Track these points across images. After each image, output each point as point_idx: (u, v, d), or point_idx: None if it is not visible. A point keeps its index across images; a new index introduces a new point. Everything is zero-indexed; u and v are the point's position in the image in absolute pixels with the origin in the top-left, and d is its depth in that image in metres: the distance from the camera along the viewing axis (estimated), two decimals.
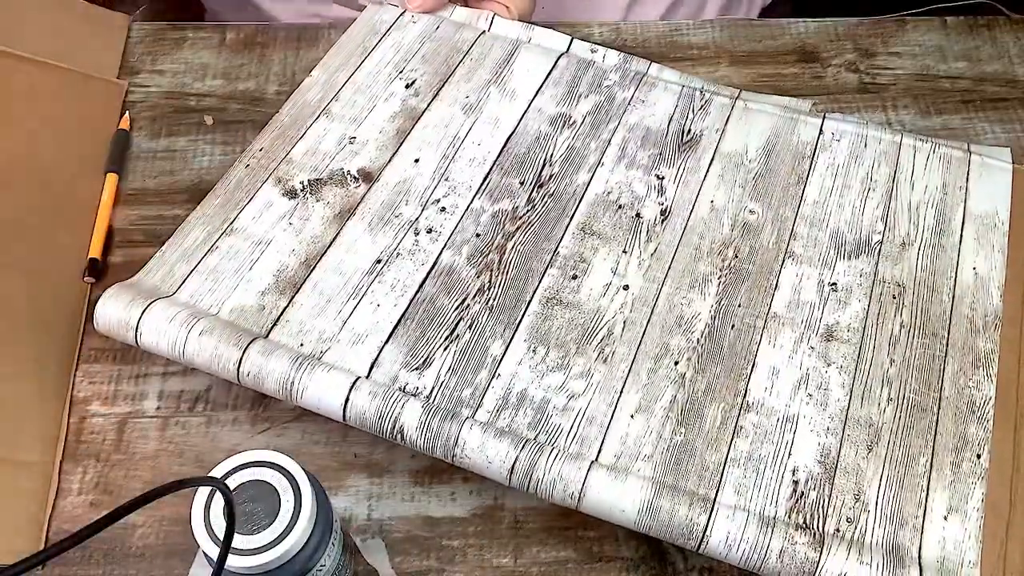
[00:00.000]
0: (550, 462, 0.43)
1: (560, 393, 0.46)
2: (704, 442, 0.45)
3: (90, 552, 0.47)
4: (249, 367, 0.45)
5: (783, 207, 0.54)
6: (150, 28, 0.66)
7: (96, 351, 0.53)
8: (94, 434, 0.51)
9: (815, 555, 0.41)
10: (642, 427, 0.45)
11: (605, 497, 0.42)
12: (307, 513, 0.38)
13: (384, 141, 0.55)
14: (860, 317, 0.49)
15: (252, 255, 0.50)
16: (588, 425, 0.45)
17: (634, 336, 0.48)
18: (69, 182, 0.58)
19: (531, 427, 0.45)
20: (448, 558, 0.48)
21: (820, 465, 0.45)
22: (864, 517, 0.43)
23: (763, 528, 0.42)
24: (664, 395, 0.47)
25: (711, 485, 0.44)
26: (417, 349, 0.47)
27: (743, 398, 0.47)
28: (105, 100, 0.62)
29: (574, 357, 0.48)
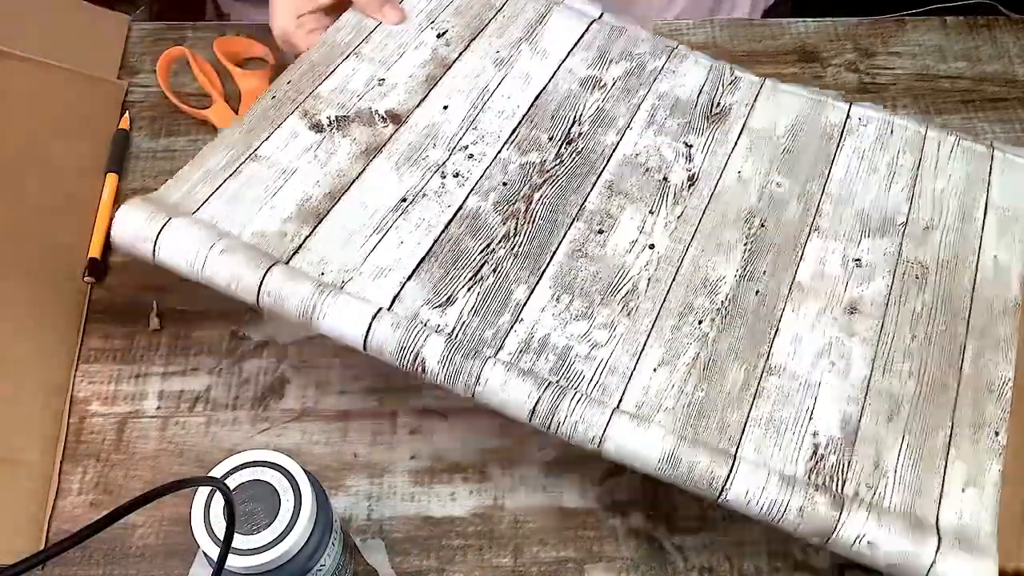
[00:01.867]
0: (573, 404, 0.42)
1: (583, 341, 0.46)
2: (725, 400, 0.45)
3: (90, 552, 0.47)
4: (270, 288, 0.44)
5: (810, 183, 0.54)
6: (150, 28, 0.66)
7: (96, 351, 0.53)
8: (94, 434, 0.51)
9: (835, 514, 0.41)
10: (664, 380, 0.45)
11: (627, 443, 0.42)
12: (307, 513, 0.38)
13: (413, 86, 0.55)
14: (883, 293, 0.50)
15: (275, 183, 0.49)
16: (610, 374, 0.45)
17: (659, 293, 0.48)
18: (69, 182, 0.57)
19: (552, 372, 0.45)
20: (448, 558, 0.48)
21: (841, 431, 0.44)
22: (883, 483, 0.43)
23: (784, 485, 0.42)
24: (687, 351, 0.46)
25: (732, 442, 0.43)
26: (440, 288, 0.47)
27: (766, 361, 0.46)
28: (105, 100, 0.62)
29: (598, 308, 0.47)
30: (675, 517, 0.49)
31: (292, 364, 0.53)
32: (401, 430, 0.51)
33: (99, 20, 0.65)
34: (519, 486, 0.50)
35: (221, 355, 0.53)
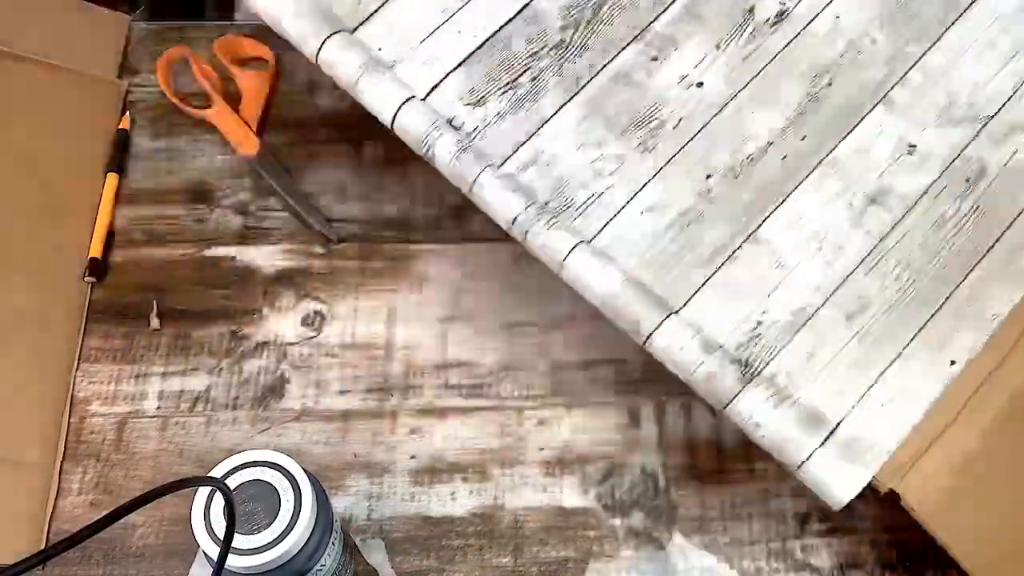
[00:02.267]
0: (544, 228, 0.44)
1: (587, 168, 0.46)
2: (695, 258, 0.45)
3: (90, 552, 0.47)
4: (326, 56, 0.47)
5: (912, 44, 0.49)
6: (150, 28, 0.66)
7: (96, 351, 0.53)
8: (94, 434, 0.51)
9: (736, 388, 0.42)
10: (647, 226, 0.45)
11: (581, 275, 0.44)
12: (307, 513, 0.38)
13: None
14: (919, 190, 0.46)
15: None
16: (599, 207, 0.45)
17: (682, 138, 0.47)
18: (69, 182, 0.57)
19: (549, 190, 0.45)
20: (448, 558, 0.48)
21: (792, 316, 0.44)
22: (805, 376, 0.43)
23: (704, 350, 0.42)
24: (681, 203, 0.46)
25: (680, 298, 0.44)
26: (477, 86, 0.47)
27: (754, 231, 0.45)
28: (105, 100, 0.62)
29: (616, 138, 0.46)
30: (675, 517, 0.49)
31: (292, 364, 0.53)
32: (401, 430, 0.51)
33: (99, 20, 0.65)
34: (519, 486, 0.50)
35: (221, 355, 0.53)
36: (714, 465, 0.50)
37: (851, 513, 0.48)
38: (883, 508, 0.49)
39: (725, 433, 0.51)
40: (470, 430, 0.51)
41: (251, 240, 0.57)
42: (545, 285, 0.55)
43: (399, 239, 0.57)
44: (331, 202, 0.58)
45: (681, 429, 0.51)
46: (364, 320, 0.54)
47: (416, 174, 0.59)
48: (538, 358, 0.53)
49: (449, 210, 0.58)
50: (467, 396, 0.52)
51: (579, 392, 0.52)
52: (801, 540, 0.48)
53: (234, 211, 0.58)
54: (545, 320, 0.54)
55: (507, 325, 0.54)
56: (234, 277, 0.56)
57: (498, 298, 0.55)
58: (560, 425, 0.51)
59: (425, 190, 0.59)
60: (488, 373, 0.53)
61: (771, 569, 0.47)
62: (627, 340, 0.53)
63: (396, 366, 0.53)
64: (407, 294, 0.55)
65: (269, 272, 0.56)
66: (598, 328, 0.54)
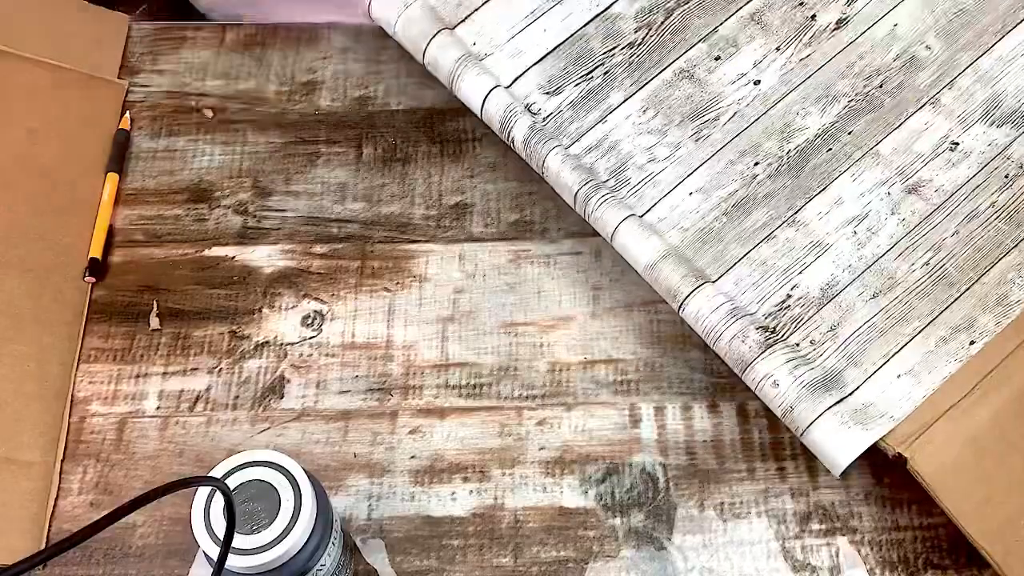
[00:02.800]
0: (599, 202, 0.49)
1: (645, 153, 0.51)
2: (735, 236, 0.49)
3: (90, 552, 0.47)
4: (431, 54, 0.53)
5: (964, 52, 0.52)
6: (150, 28, 0.66)
7: (96, 351, 0.53)
8: (94, 434, 0.51)
9: (756, 352, 0.45)
10: (694, 205, 0.50)
11: (628, 244, 0.49)
12: (307, 513, 0.38)
13: None
14: (957, 184, 0.49)
15: None
16: (652, 187, 0.50)
17: (735, 128, 0.51)
18: (69, 182, 0.58)
19: (608, 171, 0.51)
20: (448, 558, 0.48)
21: (820, 292, 0.47)
22: (827, 345, 0.46)
23: (729, 317, 0.46)
24: (728, 187, 0.50)
25: (716, 269, 0.48)
26: (554, 78, 0.53)
27: (794, 214, 0.49)
28: (105, 100, 0.62)
29: (674, 128, 0.51)
30: (675, 517, 0.49)
31: (292, 364, 0.53)
32: (401, 430, 0.51)
33: (99, 20, 0.65)
34: (519, 486, 0.50)
35: (221, 355, 0.53)
36: (714, 465, 0.50)
37: (851, 513, 0.49)
38: (883, 508, 0.49)
39: (725, 433, 0.51)
40: (470, 430, 0.51)
41: (251, 240, 0.57)
42: (545, 285, 0.56)
43: (399, 239, 0.57)
44: (331, 202, 0.58)
45: (681, 429, 0.51)
46: (364, 320, 0.54)
47: (416, 174, 0.59)
48: (538, 358, 0.53)
49: (449, 210, 0.58)
50: (467, 396, 0.52)
51: (579, 392, 0.52)
52: (801, 540, 0.48)
53: (234, 211, 0.58)
54: (545, 320, 0.54)
55: (507, 325, 0.54)
56: (234, 277, 0.56)
57: (498, 298, 0.55)
58: (560, 425, 0.51)
59: (425, 190, 0.59)
60: (488, 373, 0.53)
61: (771, 569, 0.47)
62: (627, 340, 0.54)
63: (396, 366, 0.53)
64: (407, 294, 0.55)
65: (269, 272, 0.56)
66: (598, 328, 0.54)
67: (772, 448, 0.50)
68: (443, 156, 0.60)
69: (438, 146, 0.60)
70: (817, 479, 0.49)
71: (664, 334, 0.54)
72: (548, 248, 0.57)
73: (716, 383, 0.52)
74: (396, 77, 0.63)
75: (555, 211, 0.58)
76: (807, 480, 0.49)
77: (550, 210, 0.58)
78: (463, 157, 0.60)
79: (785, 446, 0.50)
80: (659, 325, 0.54)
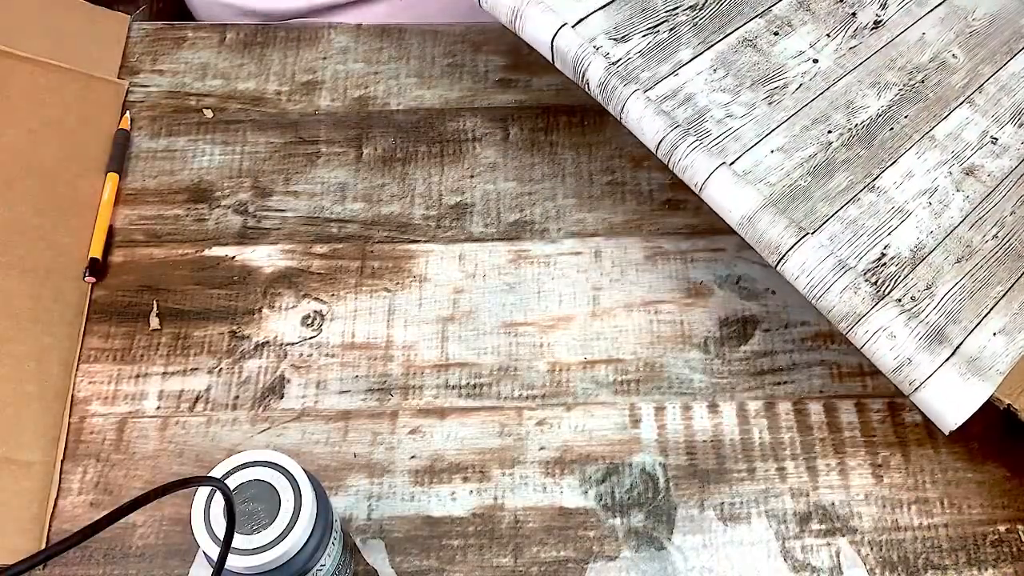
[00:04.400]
0: (689, 149, 0.49)
1: (721, 108, 0.51)
2: (822, 194, 0.49)
3: (90, 552, 0.47)
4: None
5: (984, 64, 0.56)
6: (150, 28, 0.66)
7: (96, 351, 0.53)
8: (94, 434, 0.51)
9: (869, 304, 0.45)
10: (777, 162, 0.50)
11: (722, 194, 0.48)
12: (307, 513, 0.38)
13: None
14: (1004, 171, 0.52)
15: None
16: (733, 141, 0.50)
17: (804, 98, 0.52)
18: (70, 182, 0.58)
19: (686, 121, 0.50)
20: (448, 558, 0.48)
21: (911, 253, 0.48)
22: (927, 302, 0.46)
23: (837, 269, 0.46)
24: (807, 149, 0.50)
25: (811, 224, 0.48)
26: (620, 25, 0.52)
27: (872, 180, 0.50)
28: (105, 100, 0.62)
29: (746, 90, 0.52)
30: (675, 517, 0.49)
31: (292, 364, 0.53)
32: (401, 430, 0.51)
33: (99, 20, 0.65)
34: (519, 486, 0.50)
35: (221, 355, 0.53)
36: (714, 465, 0.50)
37: (851, 513, 0.49)
38: (883, 508, 0.49)
39: (725, 433, 0.51)
40: (470, 430, 0.51)
41: (251, 240, 0.57)
42: (545, 285, 0.56)
43: (399, 239, 0.57)
44: (331, 202, 0.58)
45: (681, 429, 0.51)
46: (364, 320, 0.54)
47: (416, 174, 0.59)
48: (538, 358, 0.53)
49: (449, 210, 0.58)
50: (467, 396, 0.52)
51: (579, 392, 0.52)
52: (801, 540, 0.48)
53: (234, 211, 0.58)
54: (545, 320, 0.54)
55: (507, 325, 0.54)
56: (234, 277, 0.56)
57: (498, 298, 0.55)
58: (560, 425, 0.51)
59: (425, 190, 0.59)
60: (488, 373, 0.53)
61: (771, 569, 0.47)
62: (627, 340, 0.54)
63: (396, 366, 0.53)
64: (407, 294, 0.55)
65: (269, 272, 0.56)
66: (598, 328, 0.54)
67: (772, 448, 0.50)
68: (443, 156, 0.60)
69: (438, 146, 0.61)
70: (817, 479, 0.50)
71: (664, 334, 0.54)
72: (548, 248, 0.57)
73: (716, 383, 0.52)
74: (396, 77, 0.63)
75: (555, 211, 0.58)
76: (807, 480, 0.49)
77: (550, 210, 0.58)
78: (463, 157, 0.60)
79: (785, 446, 0.50)
80: (659, 325, 0.54)
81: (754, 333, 0.54)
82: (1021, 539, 0.48)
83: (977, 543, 0.48)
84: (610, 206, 0.58)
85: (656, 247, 0.57)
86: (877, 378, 0.53)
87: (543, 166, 0.60)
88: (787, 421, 0.51)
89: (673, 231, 0.57)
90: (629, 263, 0.56)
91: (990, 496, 0.49)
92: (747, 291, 0.55)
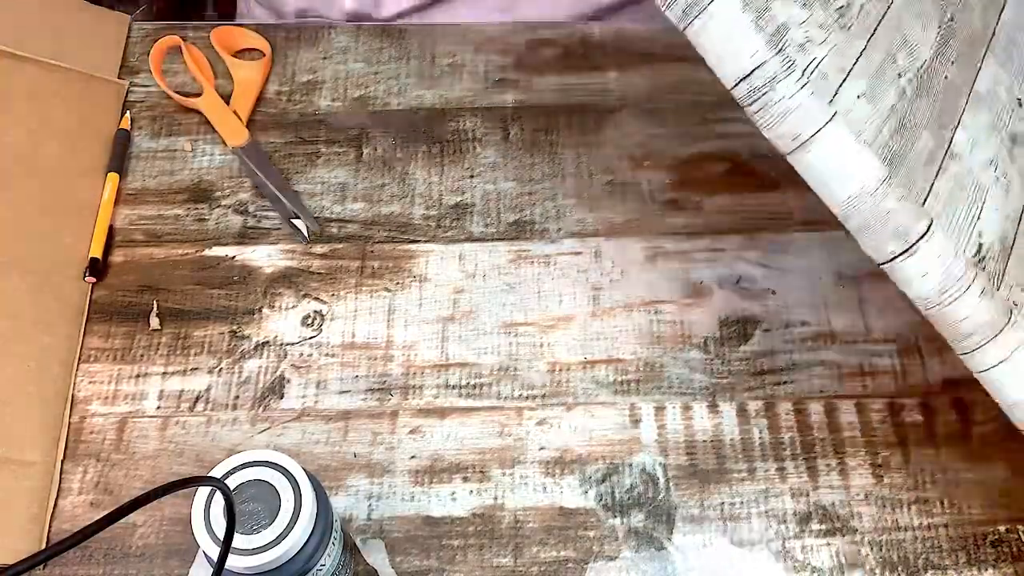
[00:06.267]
0: (797, 87, 0.36)
1: (800, 28, 0.38)
2: (916, 161, 0.39)
3: (90, 552, 0.47)
4: None
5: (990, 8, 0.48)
6: (150, 28, 0.66)
7: (96, 351, 0.53)
8: (94, 434, 0.51)
9: (1005, 315, 0.37)
10: (866, 113, 0.39)
11: (833, 159, 0.36)
12: (307, 513, 0.38)
13: None
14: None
15: None
16: (822, 80, 0.37)
17: (868, 25, 0.42)
18: (70, 182, 0.58)
19: (772, 43, 0.37)
20: (448, 558, 0.48)
21: (1000, 243, 0.40)
22: None
23: (971, 264, 0.37)
24: (888, 97, 0.40)
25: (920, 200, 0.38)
26: None
27: (948, 144, 0.41)
28: (105, 100, 0.62)
29: (817, 6, 0.40)
30: (675, 517, 0.49)
31: (292, 364, 0.53)
32: (401, 430, 0.51)
33: (99, 20, 0.65)
34: (519, 486, 0.50)
35: (221, 355, 0.53)
36: (714, 465, 0.50)
37: (851, 513, 0.49)
38: (883, 508, 0.49)
39: (725, 433, 0.51)
40: (470, 430, 0.51)
41: (251, 240, 0.57)
42: (545, 285, 0.56)
43: (399, 239, 0.57)
44: (331, 202, 0.58)
45: (681, 429, 0.51)
46: (364, 320, 0.54)
47: (416, 174, 0.59)
48: (538, 358, 0.53)
49: (449, 210, 0.58)
50: (467, 396, 0.52)
51: (579, 392, 0.52)
52: (801, 540, 0.48)
53: (234, 211, 0.58)
54: (545, 320, 0.54)
55: (507, 325, 0.54)
56: (234, 277, 0.56)
57: (498, 298, 0.55)
58: (560, 425, 0.51)
59: (425, 190, 0.59)
60: (488, 373, 0.53)
61: (771, 569, 0.47)
62: (627, 340, 0.54)
63: (396, 366, 0.53)
64: (407, 294, 0.55)
65: (269, 272, 0.56)
66: (598, 328, 0.54)
67: (772, 448, 0.50)
68: (443, 156, 0.60)
69: (438, 146, 0.61)
70: (817, 479, 0.49)
71: (664, 334, 0.54)
72: (548, 248, 0.57)
73: (716, 383, 0.52)
74: (396, 77, 0.63)
75: (555, 211, 0.58)
76: (807, 480, 0.49)
77: (550, 210, 0.58)
78: (463, 157, 0.60)
79: (785, 446, 0.50)
80: (659, 325, 0.54)
81: (754, 333, 0.54)
82: (1021, 539, 0.48)
83: (977, 543, 0.48)
84: (610, 206, 0.58)
85: (656, 247, 0.57)
86: (877, 378, 0.53)
87: (543, 166, 0.60)
88: (787, 421, 0.51)
89: (673, 231, 0.57)
90: (629, 263, 0.56)
91: (990, 496, 0.49)
92: (747, 291, 0.55)
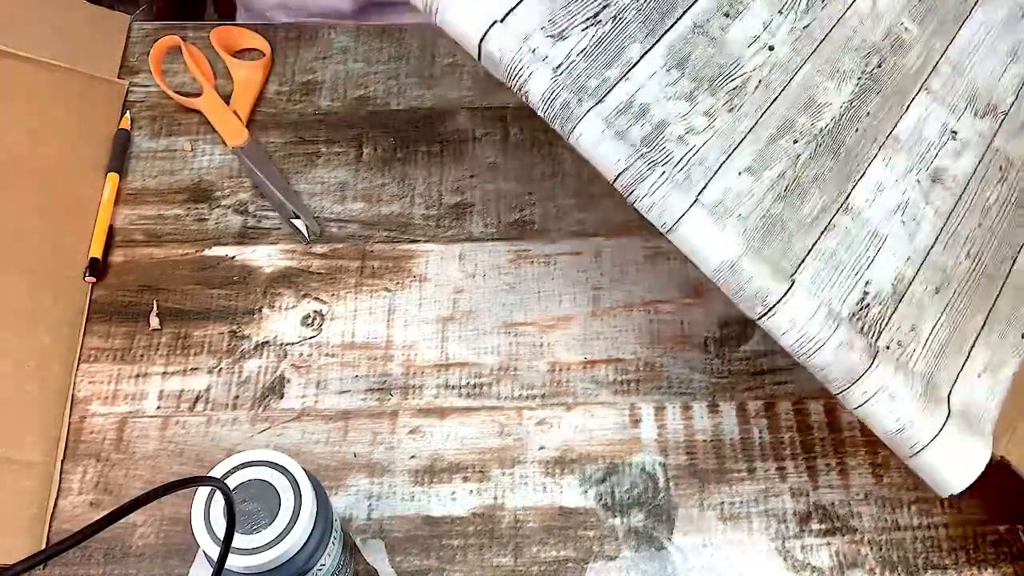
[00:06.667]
0: (658, 183, 0.42)
1: (681, 122, 0.44)
2: (797, 225, 0.44)
3: (90, 552, 0.47)
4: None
5: (936, 38, 0.51)
6: (150, 28, 0.66)
7: (96, 351, 0.53)
8: (94, 434, 0.51)
9: (867, 361, 0.41)
10: (746, 187, 0.43)
11: (697, 238, 0.41)
12: (307, 513, 0.38)
13: None
14: (967, 173, 0.48)
15: None
16: (698, 165, 0.43)
17: (765, 100, 0.46)
18: (70, 182, 0.58)
19: (645, 142, 0.43)
20: (448, 558, 0.48)
21: (892, 287, 0.44)
22: (913, 346, 0.43)
23: (829, 320, 0.41)
24: (776, 166, 0.45)
25: (791, 264, 0.42)
26: (556, 18, 0.44)
27: (845, 199, 0.45)
28: (105, 100, 0.62)
29: (704, 95, 0.45)
30: (675, 517, 0.49)
31: (292, 364, 0.53)
32: (401, 430, 0.51)
33: (99, 20, 0.65)
34: (519, 486, 0.50)
35: (221, 355, 0.53)
36: (714, 465, 0.50)
37: (851, 513, 0.49)
38: (883, 508, 0.49)
39: (725, 433, 0.51)
40: (470, 430, 0.51)
41: (251, 240, 0.57)
42: (545, 285, 0.56)
43: (399, 239, 0.57)
44: (331, 202, 0.58)
45: (681, 429, 0.51)
46: (364, 320, 0.54)
47: (416, 174, 0.59)
48: (538, 358, 0.53)
49: (449, 210, 0.58)
50: (467, 396, 0.52)
51: (579, 392, 0.52)
52: (801, 540, 0.48)
53: (234, 211, 0.58)
54: (545, 320, 0.54)
55: (507, 325, 0.54)
56: (234, 277, 0.56)
57: (498, 298, 0.55)
58: (560, 425, 0.51)
59: (425, 190, 0.59)
60: (488, 373, 0.53)
61: (771, 569, 0.47)
62: (627, 340, 0.54)
63: (396, 366, 0.53)
64: (407, 294, 0.55)
65: (269, 272, 0.56)
66: (598, 328, 0.54)
67: (772, 448, 0.50)
68: (443, 156, 0.60)
69: (438, 146, 0.61)
70: (817, 479, 0.50)
71: (664, 334, 0.54)
72: (548, 248, 0.57)
73: (716, 383, 0.52)
74: (396, 77, 0.63)
75: (555, 211, 0.58)
76: (807, 480, 0.49)
77: (550, 210, 0.58)
78: (463, 157, 0.60)
79: (785, 446, 0.50)
80: (659, 325, 0.54)
81: (754, 333, 0.54)
82: (1021, 539, 0.48)
83: (977, 543, 0.48)
84: (610, 206, 0.58)
85: (656, 247, 0.57)
86: None
87: (543, 166, 0.60)
88: (787, 421, 0.51)
89: None
90: (629, 263, 0.56)
91: (990, 496, 0.49)
92: None
